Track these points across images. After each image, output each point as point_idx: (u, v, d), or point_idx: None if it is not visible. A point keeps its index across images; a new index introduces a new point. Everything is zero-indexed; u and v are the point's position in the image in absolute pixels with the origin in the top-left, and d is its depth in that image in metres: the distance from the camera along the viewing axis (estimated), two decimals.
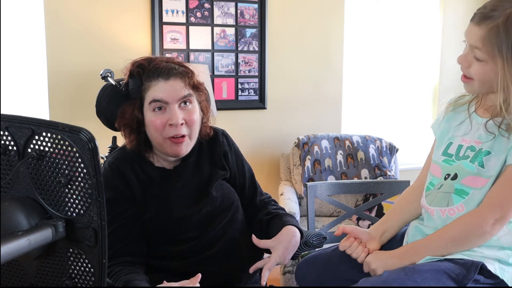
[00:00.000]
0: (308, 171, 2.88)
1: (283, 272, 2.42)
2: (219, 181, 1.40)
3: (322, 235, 1.42)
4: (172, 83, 1.29)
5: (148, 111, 1.29)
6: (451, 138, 1.31)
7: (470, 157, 1.22)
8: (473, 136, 1.25)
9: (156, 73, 1.29)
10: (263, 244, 1.32)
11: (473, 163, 1.20)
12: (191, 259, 1.31)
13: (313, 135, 2.98)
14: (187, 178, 1.37)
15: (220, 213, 1.37)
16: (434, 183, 1.31)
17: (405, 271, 1.15)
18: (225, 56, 2.97)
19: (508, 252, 1.18)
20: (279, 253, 1.29)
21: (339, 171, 2.91)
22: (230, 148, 1.46)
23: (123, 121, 1.31)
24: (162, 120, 1.28)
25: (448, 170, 1.27)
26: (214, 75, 2.95)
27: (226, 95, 3.01)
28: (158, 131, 1.28)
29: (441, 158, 1.30)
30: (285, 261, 1.31)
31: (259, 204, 1.49)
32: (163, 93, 1.27)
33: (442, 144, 1.33)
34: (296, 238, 1.33)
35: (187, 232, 1.32)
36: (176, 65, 1.32)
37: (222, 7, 2.93)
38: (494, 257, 1.17)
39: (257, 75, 3.06)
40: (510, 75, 1.12)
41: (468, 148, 1.24)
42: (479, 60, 1.16)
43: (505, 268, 1.18)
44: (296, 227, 1.36)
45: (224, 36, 2.96)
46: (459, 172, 1.23)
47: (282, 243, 1.30)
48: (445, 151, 1.30)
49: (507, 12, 1.11)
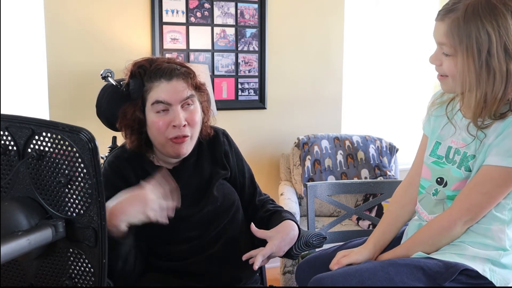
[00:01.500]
0: (308, 171, 2.88)
1: (283, 272, 2.42)
2: (220, 181, 1.40)
3: (322, 235, 1.42)
4: (175, 84, 1.29)
5: (151, 112, 1.29)
6: (438, 138, 1.29)
7: (457, 162, 1.21)
8: (458, 137, 1.23)
9: (158, 74, 1.28)
10: (261, 233, 1.32)
11: (459, 169, 1.20)
12: (191, 259, 1.31)
13: (313, 135, 2.98)
14: (188, 177, 1.37)
15: (221, 213, 1.37)
16: (425, 186, 1.30)
17: (383, 263, 1.18)
18: (225, 56, 2.97)
19: (501, 252, 1.17)
20: (275, 242, 1.28)
21: (339, 171, 2.91)
22: (230, 147, 1.46)
23: (124, 122, 1.31)
24: (165, 121, 1.27)
25: (438, 173, 1.26)
26: (214, 75, 2.95)
27: (226, 95, 3.01)
28: (161, 132, 1.28)
29: (429, 159, 1.29)
30: (280, 252, 1.31)
31: (258, 204, 1.49)
32: (166, 94, 1.27)
33: (430, 144, 1.32)
34: (294, 232, 1.33)
35: (188, 231, 1.32)
36: (178, 66, 1.32)
37: (222, 7, 2.93)
38: (486, 257, 1.17)
39: (257, 75, 3.06)
40: (469, 67, 1.11)
41: (456, 152, 1.23)
42: (447, 56, 1.15)
43: (496, 269, 1.16)
44: (295, 223, 1.36)
45: (224, 36, 2.96)
46: (447, 179, 1.23)
47: (280, 234, 1.30)
48: (434, 152, 1.29)
49: (467, 3, 1.10)
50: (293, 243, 1.34)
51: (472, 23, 1.08)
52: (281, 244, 1.30)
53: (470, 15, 1.09)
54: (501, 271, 1.17)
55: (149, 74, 1.29)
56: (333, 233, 1.88)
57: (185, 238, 1.31)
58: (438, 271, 1.13)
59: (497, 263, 1.17)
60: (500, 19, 1.08)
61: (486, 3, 1.09)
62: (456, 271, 1.12)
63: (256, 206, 1.49)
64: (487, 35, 1.07)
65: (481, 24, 1.08)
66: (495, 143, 1.13)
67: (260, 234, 1.32)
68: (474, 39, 1.08)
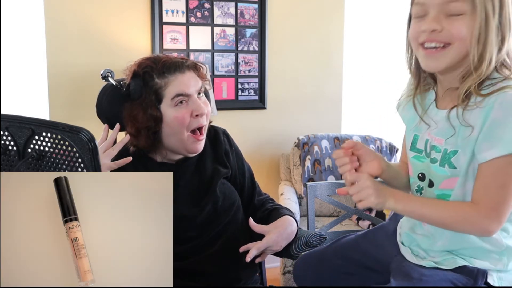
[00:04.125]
0: (308, 171, 2.88)
1: (283, 272, 2.42)
2: (221, 180, 1.40)
3: (322, 235, 1.42)
4: (188, 75, 1.32)
5: (169, 108, 1.29)
6: (416, 130, 1.22)
7: (438, 160, 1.13)
8: (435, 132, 1.15)
9: (171, 68, 1.30)
10: (258, 228, 1.32)
11: (443, 167, 1.12)
12: (191, 258, 1.31)
13: (313, 135, 2.98)
14: (190, 175, 1.37)
15: (222, 213, 1.37)
16: (410, 181, 1.26)
17: (413, 283, 1.13)
18: (225, 56, 2.97)
19: (505, 259, 1.15)
20: (272, 236, 1.29)
21: (339, 171, 2.90)
22: (231, 147, 1.47)
23: (137, 125, 1.30)
24: (187, 112, 1.29)
25: (419, 168, 1.20)
26: (214, 75, 2.95)
27: (226, 95, 3.01)
28: (184, 125, 1.29)
29: (410, 154, 1.23)
30: (277, 246, 1.31)
31: (258, 204, 1.49)
32: (185, 86, 1.29)
33: (409, 137, 1.24)
34: (292, 227, 1.34)
35: (189, 231, 1.32)
36: (181, 59, 1.34)
37: (222, 7, 2.93)
38: (493, 269, 1.14)
39: (257, 75, 3.06)
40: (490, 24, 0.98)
41: (433, 148, 1.15)
42: (457, 16, 1.01)
43: (503, 276, 1.15)
44: (293, 219, 1.37)
45: (224, 36, 2.96)
46: (432, 177, 1.16)
47: (277, 228, 1.31)
48: (413, 146, 1.22)
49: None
50: (291, 239, 1.34)
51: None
52: (278, 238, 1.30)
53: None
54: (507, 276, 1.15)
55: (160, 71, 1.29)
56: (333, 233, 1.88)
57: (185, 238, 1.31)
58: (467, 282, 1.11)
59: (503, 271, 1.15)
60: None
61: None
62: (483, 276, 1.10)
63: (256, 206, 1.49)
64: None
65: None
66: (482, 137, 1.03)
67: (258, 229, 1.33)
68: None
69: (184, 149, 1.33)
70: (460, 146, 1.08)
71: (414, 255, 1.25)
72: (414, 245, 1.27)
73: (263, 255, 1.33)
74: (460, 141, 1.08)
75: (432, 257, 1.21)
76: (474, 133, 1.04)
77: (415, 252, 1.26)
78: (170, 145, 1.33)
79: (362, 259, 1.37)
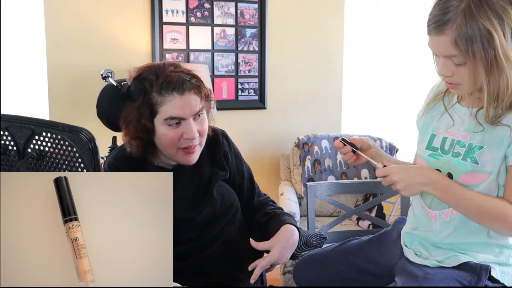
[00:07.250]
0: (308, 171, 2.88)
1: (283, 272, 2.42)
2: (219, 182, 1.40)
3: (322, 235, 1.42)
4: (187, 97, 1.26)
5: (162, 125, 1.26)
6: (434, 130, 1.27)
7: (462, 154, 1.17)
8: (458, 128, 1.20)
9: (170, 87, 1.24)
10: (261, 246, 1.32)
11: (465, 161, 1.16)
12: (190, 259, 1.31)
13: (313, 135, 2.98)
14: (187, 179, 1.37)
15: (221, 215, 1.37)
16: None
17: (418, 281, 1.16)
18: (225, 56, 2.97)
19: (506, 253, 1.18)
20: (276, 251, 1.29)
21: (339, 171, 2.91)
22: (230, 148, 1.46)
23: (128, 130, 1.28)
24: (177, 133, 1.26)
25: (435, 165, 1.23)
26: (214, 75, 2.95)
27: (226, 95, 3.01)
28: (173, 144, 1.27)
29: (425, 152, 1.26)
30: (283, 259, 1.31)
31: (257, 205, 1.49)
32: (180, 109, 1.25)
33: (425, 137, 1.29)
34: (294, 236, 1.33)
35: (187, 233, 1.32)
36: (187, 76, 1.28)
37: (222, 7, 2.93)
38: (495, 261, 1.17)
39: (257, 75, 3.06)
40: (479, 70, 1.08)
41: (457, 143, 1.19)
42: (460, 65, 1.11)
43: (505, 270, 1.17)
44: (294, 226, 1.36)
45: (224, 36, 2.96)
46: (452, 171, 1.19)
47: (280, 242, 1.30)
48: (429, 145, 1.26)
49: (461, 8, 1.06)
50: (295, 247, 1.34)
51: (474, 26, 1.05)
52: (282, 252, 1.30)
53: (469, 19, 1.05)
54: (510, 271, 1.18)
55: (159, 87, 1.25)
56: (333, 233, 1.88)
57: (184, 239, 1.31)
58: (471, 279, 1.14)
59: (505, 264, 1.18)
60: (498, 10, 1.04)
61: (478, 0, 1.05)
62: (487, 272, 1.14)
63: (255, 208, 1.49)
64: (488, 32, 1.04)
65: (481, 23, 1.04)
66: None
67: (261, 247, 1.32)
68: (479, 41, 1.05)
69: (175, 160, 1.32)
70: (486, 142, 1.14)
71: (417, 255, 1.26)
72: (416, 244, 1.28)
73: (272, 267, 1.34)
74: (487, 137, 1.13)
75: (435, 257, 1.23)
76: (509, 132, 1.10)
77: (418, 253, 1.27)
78: (164, 154, 1.33)
79: (364, 263, 1.38)
